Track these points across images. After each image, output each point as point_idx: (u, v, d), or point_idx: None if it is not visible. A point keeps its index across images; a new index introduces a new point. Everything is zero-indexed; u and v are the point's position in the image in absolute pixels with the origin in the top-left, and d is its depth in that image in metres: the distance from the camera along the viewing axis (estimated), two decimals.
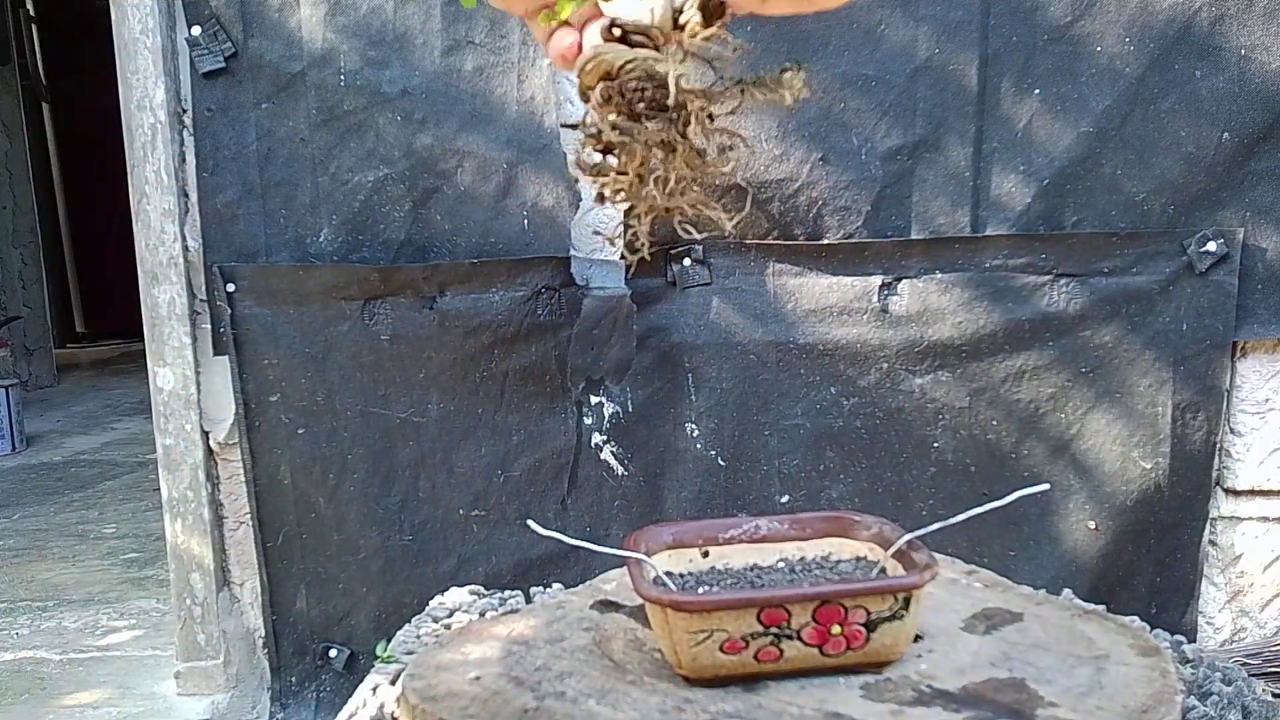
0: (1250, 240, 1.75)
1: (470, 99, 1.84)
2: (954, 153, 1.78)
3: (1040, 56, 1.75)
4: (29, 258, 6.09)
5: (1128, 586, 1.86)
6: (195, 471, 2.01)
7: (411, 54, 1.84)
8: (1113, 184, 1.76)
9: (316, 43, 1.85)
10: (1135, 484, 1.82)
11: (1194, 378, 1.79)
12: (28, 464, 4.35)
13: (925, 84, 1.77)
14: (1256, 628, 1.91)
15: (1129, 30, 1.73)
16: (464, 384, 1.91)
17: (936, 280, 1.80)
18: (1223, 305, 1.76)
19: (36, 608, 2.66)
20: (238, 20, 1.86)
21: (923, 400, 1.84)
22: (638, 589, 0.62)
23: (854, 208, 1.81)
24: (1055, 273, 1.78)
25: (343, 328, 1.91)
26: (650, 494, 1.93)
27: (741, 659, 0.61)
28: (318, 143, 1.86)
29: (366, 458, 1.95)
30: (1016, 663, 0.66)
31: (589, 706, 0.61)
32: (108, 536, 3.27)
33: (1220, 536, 1.89)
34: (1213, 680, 0.75)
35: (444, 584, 1.73)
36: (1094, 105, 1.74)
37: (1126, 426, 1.81)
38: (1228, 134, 1.73)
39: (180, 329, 1.97)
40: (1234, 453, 1.85)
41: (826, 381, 1.85)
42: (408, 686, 0.67)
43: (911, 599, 0.63)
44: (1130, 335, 1.78)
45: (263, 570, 2.01)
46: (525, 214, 1.88)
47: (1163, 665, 0.66)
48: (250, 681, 2.09)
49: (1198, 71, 1.72)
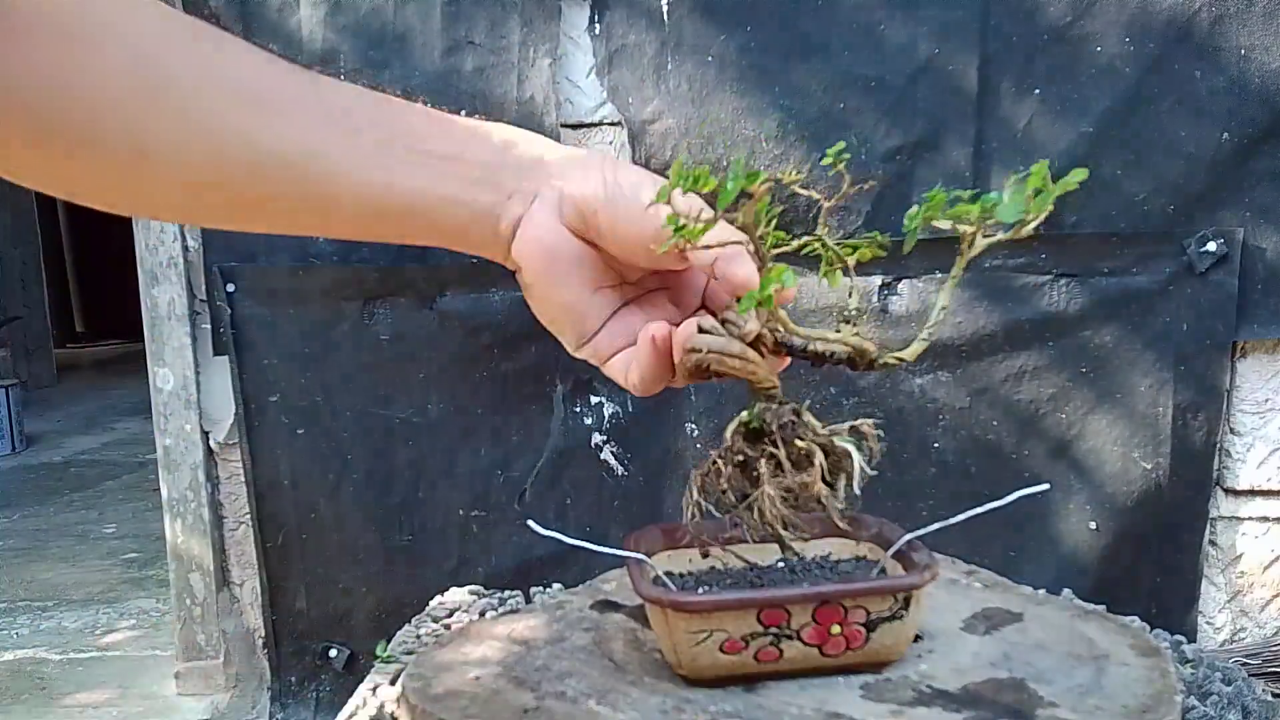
0: (1250, 240, 1.75)
1: (470, 99, 1.84)
2: (954, 153, 1.78)
3: (1040, 57, 1.75)
4: (29, 258, 6.09)
5: (1128, 587, 1.86)
6: (195, 472, 2.01)
7: (411, 54, 1.84)
8: (1112, 184, 1.76)
9: (316, 43, 1.85)
10: (1136, 484, 1.82)
11: (1194, 378, 1.79)
12: (28, 464, 4.35)
13: (925, 84, 1.77)
14: (1256, 628, 1.91)
15: (1129, 30, 1.73)
16: (464, 384, 1.91)
17: (937, 280, 1.80)
18: (1223, 305, 1.76)
19: (36, 608, 2.66)
20: (238, 20, 1.86)
21: (923, 400, 1.84)
22: (637, 589, 0.62)
23: (854, 208, 1.80)
24: (1055, 273, 1.78)
25: (342, 328, 1.91)
26: (650, 494, 1.93)
27: (741, 659, 0.61)
28: None
29: (366, 458, 1.95)
30: (1016, 663, 0.66)
31: (589, 706, 0.61)
32: (108, 537, 3.27)
33: (1220, 537, 1.88)
34: (1213, 680, 0.75)
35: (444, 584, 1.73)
36: (1094, 105, 1.74)
37: (1127, 427, 1.81)
38: (1227, 134, 1.73)
39: (180, 329, 1.97)
40: (1234, 453, 1.85)
41: (826, 381, 1.85)
42: (407, 686, 0.67)
43: (912, 599, 0.62)
44: (1130, 336, 1.78)
45: (262, 570, 2.01)
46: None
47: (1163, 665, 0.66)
48: (250, 681, 2.09)
49: (1198, 72, 1.72)
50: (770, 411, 0.61)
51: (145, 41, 0.51)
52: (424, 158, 0.58)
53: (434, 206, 0.58)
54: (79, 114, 0.49)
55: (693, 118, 1.80)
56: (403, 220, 0.59)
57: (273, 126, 0.54)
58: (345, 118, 0.57)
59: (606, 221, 0.59)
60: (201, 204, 0.57)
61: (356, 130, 0.57)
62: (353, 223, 0.59)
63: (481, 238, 0.61)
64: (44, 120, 0.49)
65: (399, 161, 0.57)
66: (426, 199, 0.58)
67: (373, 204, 0.57)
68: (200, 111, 0.52)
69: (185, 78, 0.52)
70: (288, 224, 0.59)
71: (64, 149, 0.50)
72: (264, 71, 0.55)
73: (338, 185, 0.56)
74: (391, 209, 0.58)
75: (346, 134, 0.56)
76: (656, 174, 0.61)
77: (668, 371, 0.62)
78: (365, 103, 0.58)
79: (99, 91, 0.49)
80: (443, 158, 0.58)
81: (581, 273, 0.62)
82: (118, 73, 0.50)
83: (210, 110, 0.52)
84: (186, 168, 0.53)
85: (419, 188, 0.58)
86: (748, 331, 0.60)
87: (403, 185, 0.57)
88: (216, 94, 0.53)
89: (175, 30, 0.53)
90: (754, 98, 1.79)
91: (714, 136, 1.80)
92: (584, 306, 0.63)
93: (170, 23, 0.53)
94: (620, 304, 0.64)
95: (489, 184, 0.59)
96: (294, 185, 0.56)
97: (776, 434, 0.60)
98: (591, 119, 1.86)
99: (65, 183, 0.53)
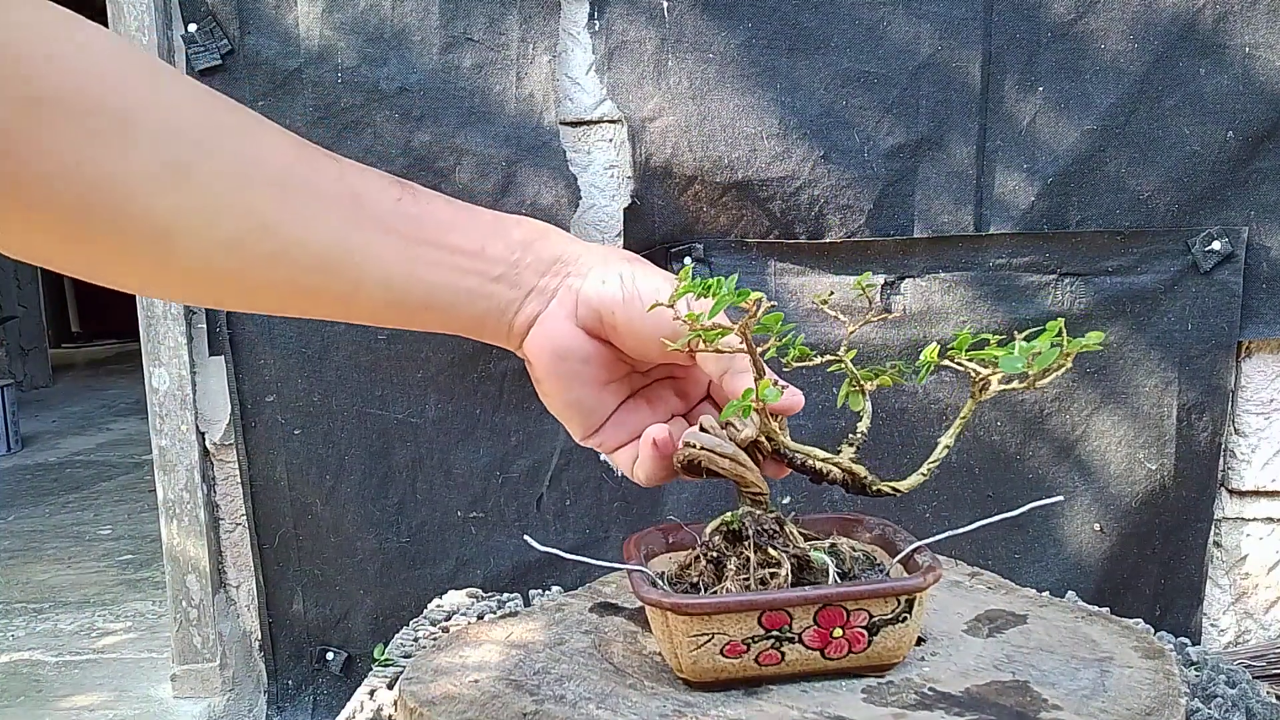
0: (1255, 239, 1.74)
1: (469, 96, 1.83)
2: (957, 150, 1.77)
3: (1044, 54, 1.74)
4: None
5: (1132, 589, 1.85)
6: (191, 473, 2.00)
7: (409, 51, 1.83)
8: (1117, 182, 1.75)
9: (313, 40, 1.84)
10: (1140, 485, 1.81)
11: (1199, 378, 1.78)
12: (23, 465, 4.35)
13: (928, 81, 1.76)
14: (1261, 630, 1.90)
15: (1133, 28, 1.72)
16: (462, 384, 1.90)
17: (939, 279, 1.79)
18: (1227, 305, 1.75)
19: (32, 610, 2.65)
20: (234, 17, 1.85)
21: (926, 401, 1.83)
22: (637, 592, 0.61)
23: (856, 206, 1.80)
24: (1059, 272, 1.77)
25: (339, 327, 1.90)
26: (650, 495, 1.92)
27: (743, 662, 0.61)
28: (315, 140, 1.83)
29: (364, 459, 1.94)
30: (1020, 665, 0.66)
31: (589, 710, 0.60)
32: (103, 538, 3.26)
33: (1225, 538, 1.88)
34: (1217, 683, 0.74)
35: (442, 586, 1.72)
36: (1098, 103, 1.73)
37: (1131, 428, 1.80)
38: (1232, 132, 1.72)
39: (176, 329, 1.96)
40: (1239, 453, 1.84)
41: (828, 382, 1.84)
42: (405, 690, 0.66)
43: (914, 602, 0.62)
44: (1135, 335, 1.77)
45: (259, 572, 2.00)
46: (524, 212, 1.86)
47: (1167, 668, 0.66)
48: (246, 684, 2.08)
49: (1202, 69, 1.71)
50: (751, 516, 0.65)
51: (171, 127, 0.50)
52: (446, 253, 0.59)
53: (453, 301, 0.60)
54: (104, 201, 0.48)
55: (693, 115, 1.79)
56: (421, 311, 0.60)
57: (299, 216, 0.54)
58: (371, 209, 0.57)
59: (624, 321, 0.61)
60: (221, 289, 0.57)
61: (381, 222, 0.57)
62: (371, 312, 0.60)
63: (496, 330, 0.62)
64: (70, 209, 0.48)
65: (421, 257, 0.58)
66: (446, 294, 0.59)
67: (394, 296, 0.58)
68: (225, 199, 0.52)
69: (212, 164, 0.51)
70: (306, 309, 0.60)
71: (88, 235, 0.49)
72: (292, 158, 0.55)
73: (360, 277, 0.57)
74: (411, 301, 0.59)
75: (372, 227, 0.56)
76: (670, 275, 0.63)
77: (669, 469, 0.65)
78: (391, 194, 0.58)
79: (124, 179, 0.49)
80: (465, 253, 0.59)
81: (590, 370, 0.64)
82: (143, 160, 0.49)
83: (236, 198, 0.52)
84: (209, 253, 0.52)
85: (440, 282, 0.59)
86: (744, 437, 0.64)
87: (424, 279, 0.58)
88: (243, 181, 0.52)
89: (204, 113, 0.52)
90: (755, 95, 1.78)
91: (715, 134, 1.79)
92: (591, 403, 0.65)
93: (199, 106, 0.52)
94: (627, 395, 0.67)
95: (508, 281, 0.61)
96: (316, 275, 0.56)
97: (753, 539, 0.63)
98: (591, 116, 1.85)
99: (86, 266, 0.53)
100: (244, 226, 0.53)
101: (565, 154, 1.84)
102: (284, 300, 0.58)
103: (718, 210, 1.82)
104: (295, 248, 0.54)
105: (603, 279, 0.62)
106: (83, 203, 0.48)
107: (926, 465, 0.63)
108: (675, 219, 1.84)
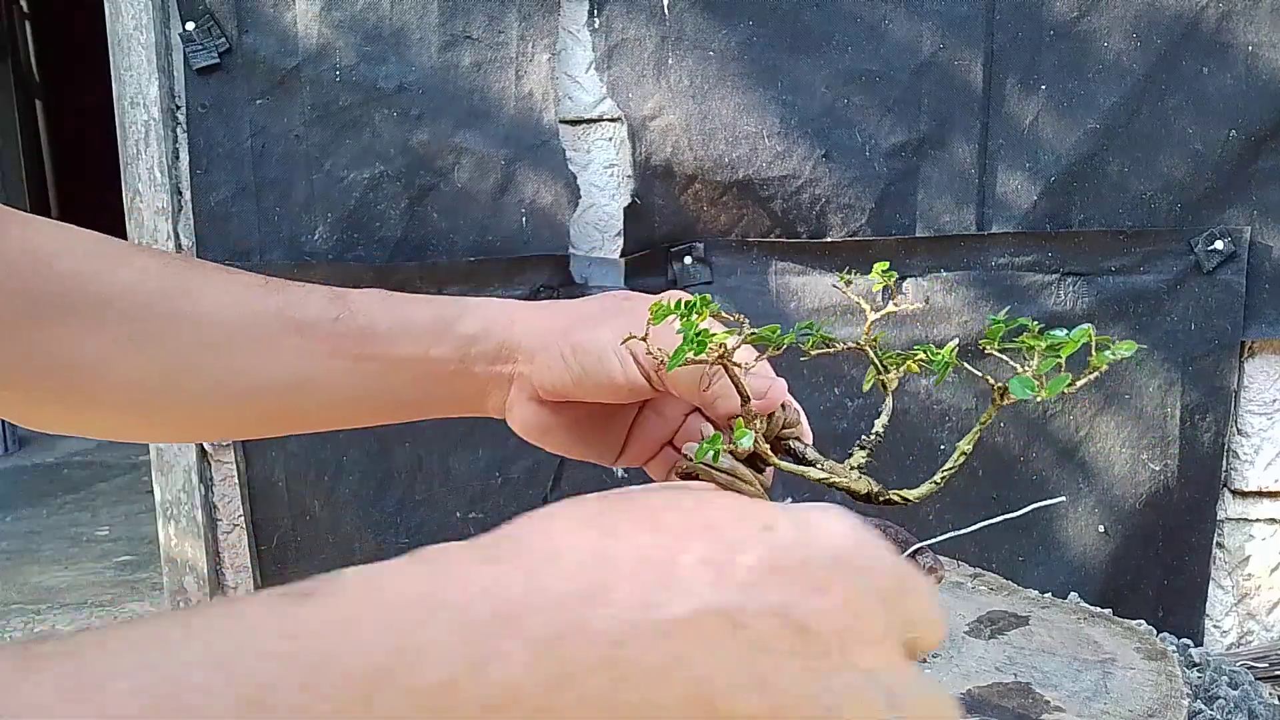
0: (1258, 239, 1.74)
1: (468, 95, 1.83)
2: (959, 150, 1.77)
3: (1046, 53, 1.73)
4: None
5: (1135, 590, 1.84)
6: (189, 474, 1.99)
7: (408, 49, 1.83)
8: (1119, 182, 1.74)
9: (311, 38, 1.83)
10: (1144, 487, 1.80)
11: (1202, 378, 1.77)
12: (20, 466, 4.34)
13: (930, 80, 1.75)
14: (1264, 631, 1.89)
15: (1135, 27, 1.71)
16: None
17: (941, 279, 1.78)
18: (1230, 305, 1.74)
19: (30, 611, 2.64)
20: (232, 16, 1.84)
21: (929, 402, 1.82)
22: None
23: (857, 205, 1.79)
24: (1062, 272, 1.76)
25: None
26: None
27: None
28: (313, 140, 1.85)
29: (362, 460, 1.93)
30: (1022, 667, 0.65)
31: None
32: (101, 539, 3.25)
33: (1228, 539, 1.86)
34: (1219, 684, 0.74)
35: None
36: (1100, 102, 1.73)
37: (1135, 428, 1.79)
38: (1235, 132, 1.71)
39: None
40: (1242, 454, 1.83)
41: (830, 383, 1.83)
42: None
43: None
44: (1137, 335, 1.76)
45: (257, 574, 1.99)
46: (523, 212, 1.86)
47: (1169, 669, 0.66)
48: None
49: (1205, 69, 1.70)
50: None
51: (136, 307, 0.57)
52: (392, 364, 0.61)
53: (419, 398, 0.64)
54: (86, 378, 0.57)
55: (694, 113, 1.78)
56: (397, 409, 0.65)
57: (253, 363, 0.60)
58: (313, 336, 0.60)
59: (585, 394, 0.61)
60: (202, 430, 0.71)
61: (326, 345, 0.60)
62: (356, 418, 0.65)
63: (476, 411, 0.66)
64: (61, 387, 0.57)
65: (372, 371, 0.61)
66: (409, 393, 0.63)
67: (365, 406, 0.63)
68: (188, 358, 0.59)
69: (171, 331, 0.58)
70: (279, 431, 0.67)
71: (79, 406, 0.59)
72: (243, 307, 0.60)
73: (327, 398, 0.62)
74: (385, 405, 0.64)
75: (320, 354, 0.60)
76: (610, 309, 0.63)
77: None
78: (329, 314, 0.61)
79: (100, 358, 0.57)
80: (412, 360, 0.62)
81: (582, 426, 0.65)
82: (113, 340, 0.57)
83: (197, 358, 0.59)
84: (183, 406, 0.60)
85: (399, 385, 0.62)
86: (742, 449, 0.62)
87: (382, 389, 0.62)
88: (200, 340, 0.59)
89: (160, 284, 0.58)
90: (756, 93, 1.77)
91: (715, 133, 1.79)
92: (599, 443, 0.67)
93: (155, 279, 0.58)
94: (633, 416, 0.67)
95: (463, 375, 0.63)
96: (289, 402, 0.62)
97: None
98: (590, 115, 1.84)
99: (80, 427, 0.62)
100: (210, 382, 0.59)
101: (565, 153, 1.84)
102: (273, 426, 0.66)
103: (718, 209, 1.81)
104: (260, 389, 0.60)
105: (547, 365, 0.61)
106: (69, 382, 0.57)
107: (940, 473, 0.60)
108: (676, 218, 1.83)
